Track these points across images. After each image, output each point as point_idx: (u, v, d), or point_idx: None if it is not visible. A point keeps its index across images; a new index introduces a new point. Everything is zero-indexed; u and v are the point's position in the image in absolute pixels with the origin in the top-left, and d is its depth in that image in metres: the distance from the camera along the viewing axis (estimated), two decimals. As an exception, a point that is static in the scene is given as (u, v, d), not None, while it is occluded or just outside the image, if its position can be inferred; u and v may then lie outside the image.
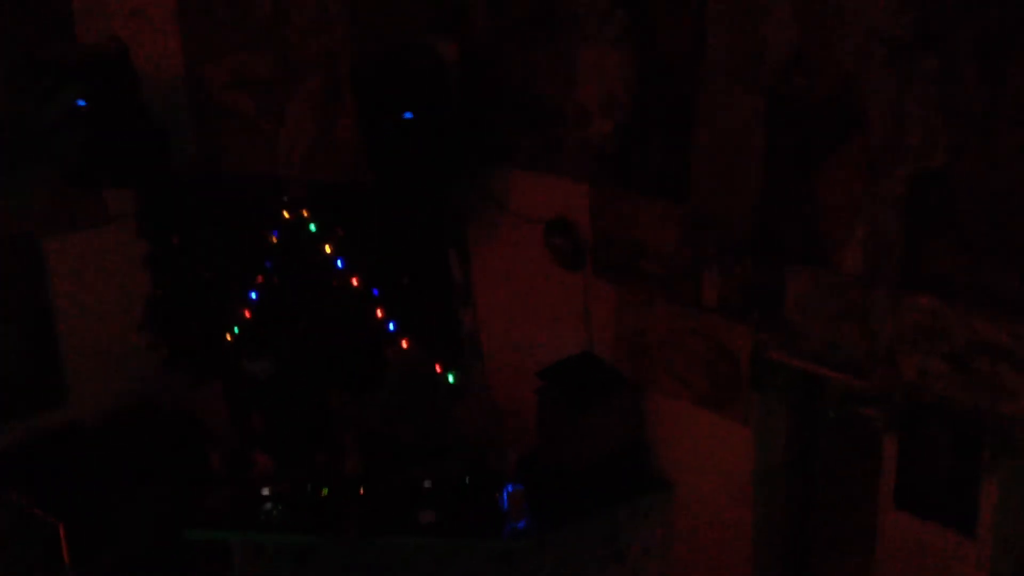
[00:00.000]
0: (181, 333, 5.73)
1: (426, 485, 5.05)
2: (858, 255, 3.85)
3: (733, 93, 4.09)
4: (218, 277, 5.53)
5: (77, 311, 5.87)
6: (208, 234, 5.53)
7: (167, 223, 5.62)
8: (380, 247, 5.35)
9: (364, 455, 5.35)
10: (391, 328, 5.37)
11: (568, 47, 4.62)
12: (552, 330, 5.15)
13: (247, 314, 5.48)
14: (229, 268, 5.51)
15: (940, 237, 3.60)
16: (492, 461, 5.16)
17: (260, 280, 5.48)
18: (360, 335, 5.43)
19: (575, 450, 4.82)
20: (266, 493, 5.09)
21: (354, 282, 5.36)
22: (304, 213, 5.38)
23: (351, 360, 5.49)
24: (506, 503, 4.76)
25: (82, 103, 4.64)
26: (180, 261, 5.63)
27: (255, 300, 5.48)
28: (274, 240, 5.42)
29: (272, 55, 5.37)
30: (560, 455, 4.88)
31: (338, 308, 5.39)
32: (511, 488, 4.77)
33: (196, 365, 5.82)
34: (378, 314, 5.37)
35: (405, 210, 5.33)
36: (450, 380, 5.51)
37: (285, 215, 5.40)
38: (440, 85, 4.89)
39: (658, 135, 4.42)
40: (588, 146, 4.69)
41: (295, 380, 5.66)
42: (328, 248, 5.36)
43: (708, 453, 4.65)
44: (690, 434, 4.71)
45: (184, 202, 5.56)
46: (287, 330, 5.50)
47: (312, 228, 5.34)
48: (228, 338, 5.56)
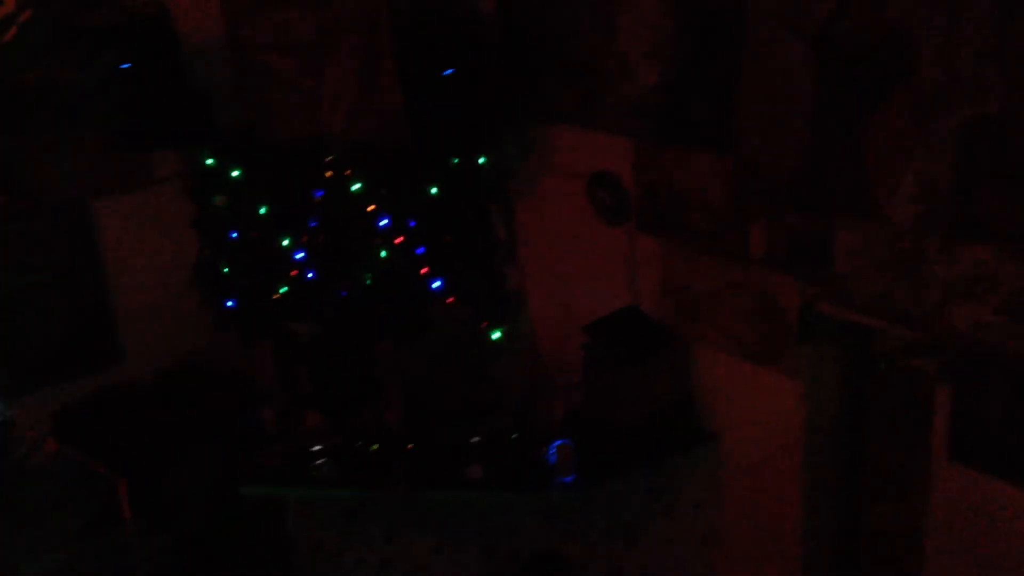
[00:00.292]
0: (228, 294, 5.79)
1: (473, 441, 5.08)
2: (909, 204, 3.76)
3: (781, 40, 3.99)
4: (263, 238, 5.56)
5: (129, 273, 5.95)
6: (253, 195, 5.56)
7: (212, 184, 5.65)
8: (423, 205, 5.33)
9: (412, 412, 5.40)
10: (436, 286, 5.37)
11: (609, -4, 4.54)
12: (597, 285, 5.13)
13: (293, 274, 5.52)
14: (274, 229, 5.53)
15: (993, 184, 3.51)
16: (539, 417, 5.18)
17: (305, 240, 5.50)
18: (404, 294, 5.45)
19: (622, 406, 4.81)
20: (316, 449, 5.17)
21: (398, 241, 5.37)
22: (347, 173, 5.38)
23: (396, 314, 5.49)
24: (554, 458, 4.77)
25: (125, 66, 4.67)
26: (226, 222, 5.67)
27: (300, 260, 5.50)
28: (318, 200, 5.43)
29: (312, 14, 5.35)
30: (606, 411, 4.88)
31: (382, 267, 5.39)
32: (559, 443, 4.78)
33: (244, 325, 5.89)
34: (422, 272, 5.38)
35: (448, 167, 5.31)
36: (495, 337, 5.52)
37: (328, 175, 5.40)
38: (480, 40, 4.84)
39: (702, 85, 4.34)
40: (631, 98, 4.62)
41: (340, 339, 5.71)
42: (372, 207, 5.36)
43: (757, 407, 4.61)
44: (738, 388, 4.68)
45: (228, 163, 5.58)
46: (332, 290, 5.52)
47: (355, 188, 5.34)
48: (274, 298, 5.60)
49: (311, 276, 5.51)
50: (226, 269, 5.76)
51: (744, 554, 4.93)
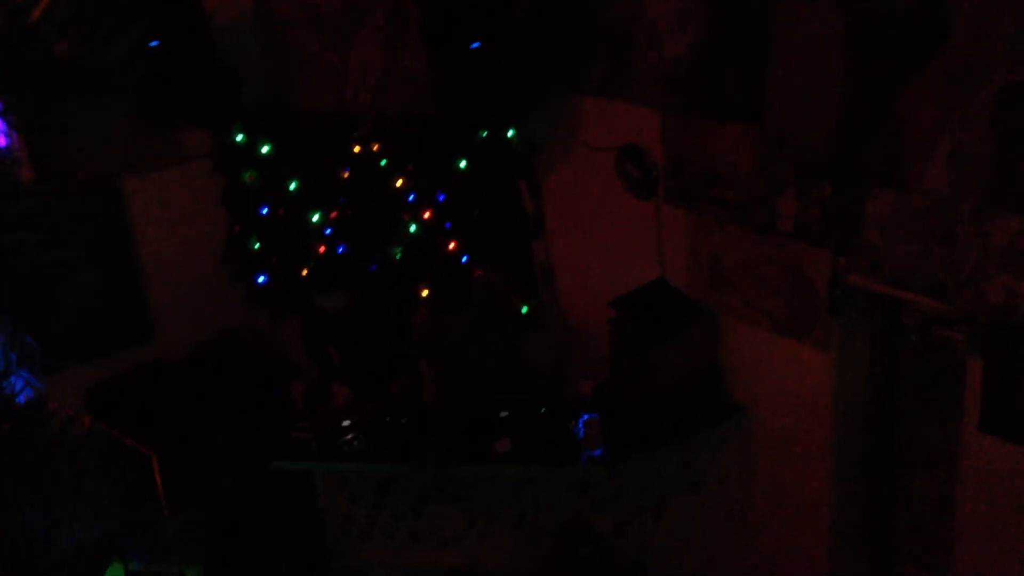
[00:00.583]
0: (259, 269, 5.81)
1: (502, 415, 5.10)
2: (942, 175, 3.72)
3: (811, 7, 3.94)
4: (292, 213, 5.58)
5: (160, 249, 5.97)
6: (282, 170, 5.57)
7: (241, 160, 5.67)
8: (451, 179, 5.33)
9: (441, 386, 5.41)
10: (464, 260, 5.38)
11: (637, -36, 4.50)
12: (625, 259, 5.11)
13: (321, 249, 5.53)
14: (303, 204, 5.55)
15: (1028, 153, 3.45)
16: (567, 391, 5.18)
17: (334, 216, 5.52)
18: (433, 268, 5.46)
19: (649, 380, 4.80)
20: (346, 424, 5.20)
21: (426, 215, 5.37)
22: (375, 148, 5.38)
23: (430, 286, 5.50)
24: (582, 432, 4.77)
25: (154, 43, 4.68)
26: (255, 198, 5.69)
27: (329, 235, 5.52)
28: (346, 176, 5.44)
29: (339, -12, 5.35)
30: (634, 385, 4.87)
31: (411, 241, 5.40)
32: (586, 417, 4.79)
33: (275, 301, 5.92)
34: (451, 247, 5.38)
35: (475, 141, 5.30)
36: (523, 311, 5.52)
37: (356, 150, 5.40)
38: (507, 13, 4.81)
39: (731, 54, 4.29)
40: (659, 69, 4.58)
41: (369, 313, 5.73)
42: (400, 182, 5.36)
43: (786, 380, 4.59)
44: (767, 361, 4.65)
45: (257, 139, 5.59)
46: (360, 264, 5.53)
47: (383, 163, 5.34)
48: (304, 273, 5.62)
49: (340, 251, 5.53)
50: (256, 245, 5.79)
51: (773, 527, 4.92)
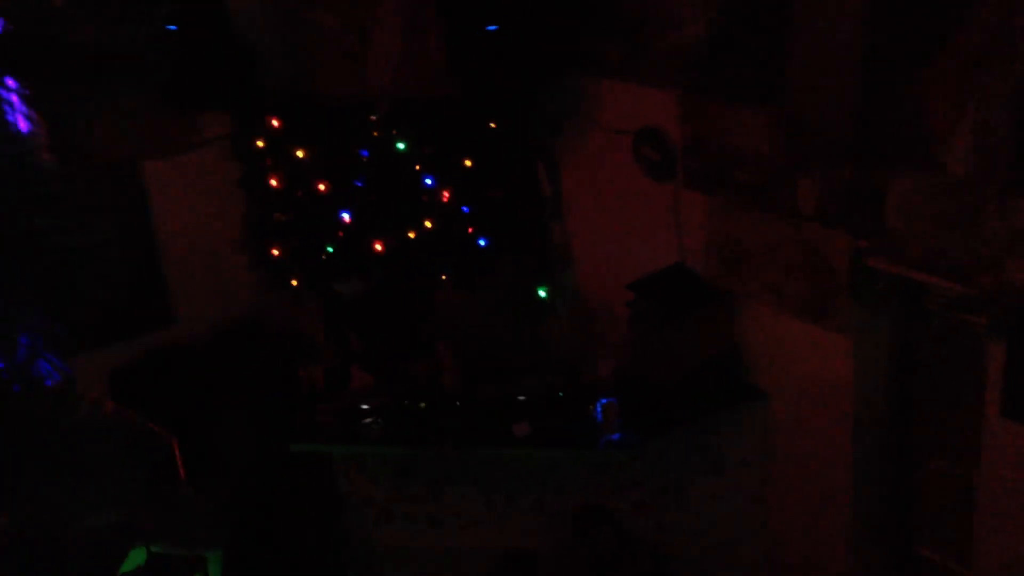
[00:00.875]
0: (278, 253, 5.82)
1: (521, 399, 5.10)
2: (964, 156, 3.67)
3: (831, -13, 3.90)
4: (310, 198, 5.58)
5: (180, 234, 6.01)
6: (299, 155, 5.57)
7: (259, 144, 5.67)
8: (469, 162, 5.31)
9: (460, 370, 5.42)
10: (482, 244, 5.37)
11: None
12: (643, 242, 5.09)
13: (340, 234, 5.54)
14: (321, 188, 5.55)
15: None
16: (585, 374, 5.18)
17: (350, 200, 5.51)
18: (453, 252, 5.45)
19: (668, 362, 4.79)
20: (366, 408, 5.22)
21: (444, 199, 5.36)
22: (393, 131, 5.37)
23: (449, 270, 5.49)
24: (600, 416, 4.77)
25: (172, 27, 4.68)
26: (273, 182, 5.69)
27: (347, 220, 5.52)
28: (364, 159, 5.44)
29: (356, -29, 5.32)
30: (653, 368, 4.86)
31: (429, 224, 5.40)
32: (605, 401, 4.78)
33: (294, 285, 5.92)
34: (469, 230, 5.37)
35: (493, 124, 5.28)
36: (541, 295, 5.51)
37: (374, 134, 5.40)
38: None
39: (751, 35, 4.25)
40: (677, 50, 4.54)
41: (388, 297, 5.73)
42: (418, 166, 5.35)
43: (806, 363, 4.56)
44: (787, 345, 4.63)
45: (275, 123, 5.59)
46: (377, 247, 5.53)
47: (401, 146, 5.33)
48: (322, 258, 5.63)
49: (357, 235, 5.53)
50: (274, 229, 5.79)
51: (793, 510, 4.91)
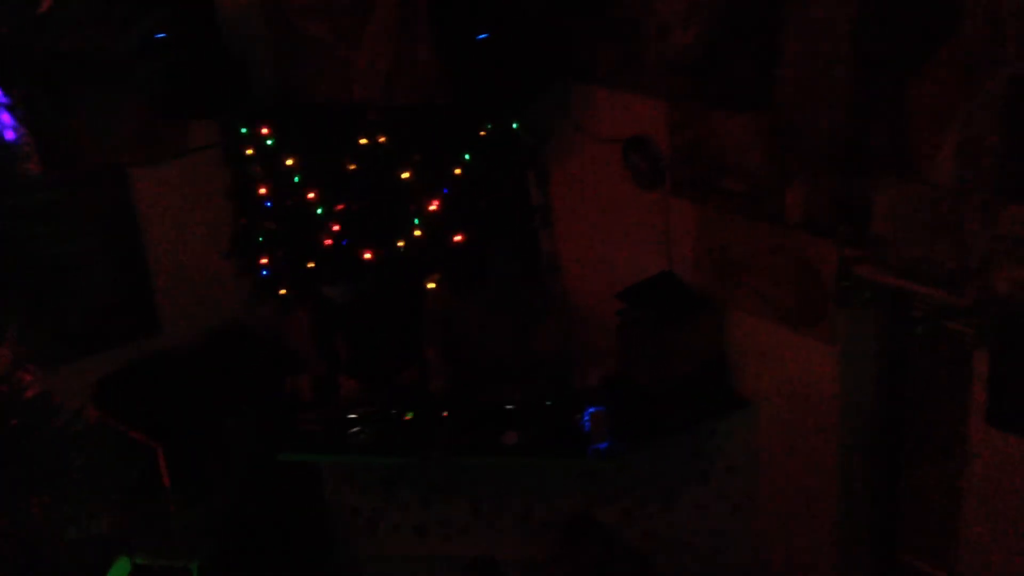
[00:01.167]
0: (265, 261, 5.81)
1: (509, 407, 5.09)
2: (950, 165, 3.70)
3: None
4: (299, 205, 5.57)
5: (167, 242, 5.97)
6: (288, 163, 5.56)
7: (248, 152, 5.66)
8: (459, 170, 5.32)
9: (449, 377, 5.41)
10: (471, 251, 5.37)
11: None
12: (632, 250, 5.11)
13: (328, 241, 5.53)
14: (310, 196, 5.54)
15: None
16: (574, 382, 5.18)
17: (341, 207, 5.51)
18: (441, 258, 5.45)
19: (656, 371, 4.80)
20: (353, 417, 5.20)
21: (433, 207, 5.36)
22: (382, 139, 5.37)
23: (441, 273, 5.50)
24: (588, 424, 4.77)
25: (161, 35, 4.67)
26: (262, 190, 5.68)
27: (335, 227, 5.51)
28: (353, 167, 5.44)
29: (347, -22, 5.33)
30: (641, 376, 4.87)
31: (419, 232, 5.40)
32: (593, 409, 4.78)
33: (280, 294, 5.91)
34: (458, 238, 5.37)
35: (484, 132, 5.29)
36: (529, 301, 5.51)
37: (363, 141, 5.40)
38: (516, 3, 4.79)
39: (741, 44, 4.27)
40: (667, 59, 4.56)
41: (376, 304, 5.72)
42: (407, 173, 5.35)
43: (793, 371, 4.58)
44: (774, 353, 4.65)
45: (264, 130, 5.59)
46: (367, 256, 5.53)
47: (391, 154, 5.34)
48: (310, 265, 5.62)
49: (347, 243, 5.52)
50: (262, 237, 5.78)
51: (780, 518, 4.91)
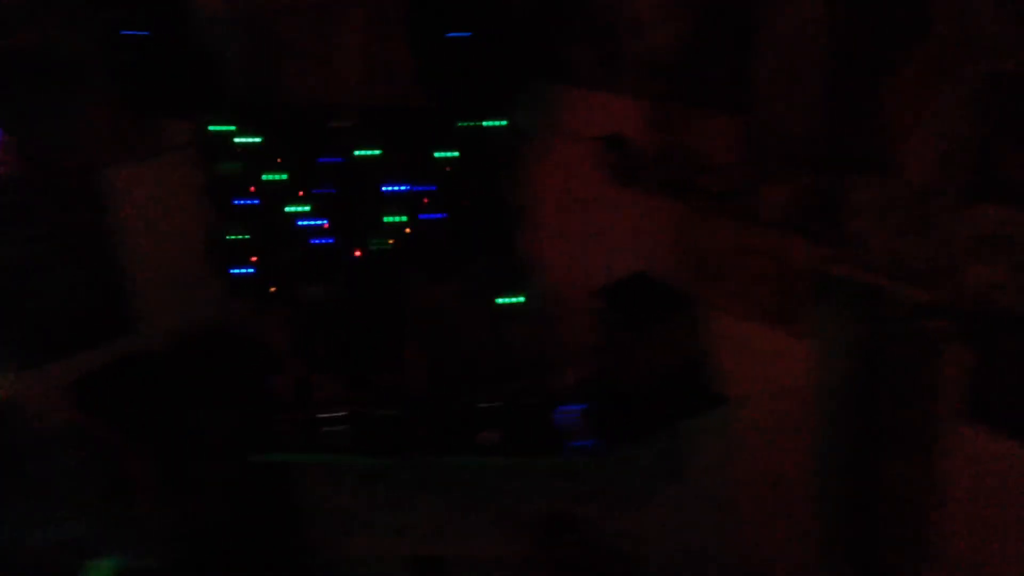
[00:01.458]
0: (241, 261, 5.78)
1: (487, 406, 5.09)
2: (925, 164, 3.73)
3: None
4: (275, 205, 5.56)
5: (141, 241, 5.95)
6: (264, 162, 5.54)
7: (223, 152, 5.63)
8: (437, 171, 5.32)
9: (428, 376, 5.41)
10: (450, 251, 5.37)
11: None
12: (610, 249, 5.12)
13: (304, 241, 5.52)
14: (286, 196, 5.53)
15: (1010, 143, 3.46)
16: (553, 381, 5.19)
17: (318, 208, 5.50)
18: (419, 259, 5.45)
19: (634, 370, 4.81)
20: (331, 416, 5.19)
21: (412, 207, 5.36)
22: (359, 139, 5.36)
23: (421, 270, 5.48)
24: (566, 423, 4.78)
25: (128, 32, 4.65)
26: (237, 189, 5.66)
27: (313, 227, 5.50)
28: (331, 167, 5.42)
29: (322, -23, 5.32)
30: (619, 375, 4.88)
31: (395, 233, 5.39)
32: (572, 408, 4.79)
33: (257, 295, 5.89)
34: (437, 238, 5.37)
35: (461, 132, 5.29)
36: (510, 302, 5.51)
37: (340, 142, 5.38)
38: (494, 3, 4.80)
39: (716, 44, 4.29)
40: (644, 59, 4.58)
41: (355, 305, 5.71)
42: (384, 174, 5.34)
43: (769, 370, 4.60)
44: (751, 351, 4.67)
45: (240, 130, 5.56)
46: (345, 256, 5.52)
47: (368, 154, 5.33)
48: (287, 265, 5.60)
49: (324, 243, 5.51)
50: (238, 237, 5.76)
51: (758, 516, 4.94)
